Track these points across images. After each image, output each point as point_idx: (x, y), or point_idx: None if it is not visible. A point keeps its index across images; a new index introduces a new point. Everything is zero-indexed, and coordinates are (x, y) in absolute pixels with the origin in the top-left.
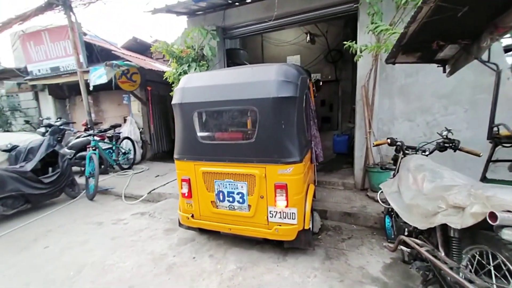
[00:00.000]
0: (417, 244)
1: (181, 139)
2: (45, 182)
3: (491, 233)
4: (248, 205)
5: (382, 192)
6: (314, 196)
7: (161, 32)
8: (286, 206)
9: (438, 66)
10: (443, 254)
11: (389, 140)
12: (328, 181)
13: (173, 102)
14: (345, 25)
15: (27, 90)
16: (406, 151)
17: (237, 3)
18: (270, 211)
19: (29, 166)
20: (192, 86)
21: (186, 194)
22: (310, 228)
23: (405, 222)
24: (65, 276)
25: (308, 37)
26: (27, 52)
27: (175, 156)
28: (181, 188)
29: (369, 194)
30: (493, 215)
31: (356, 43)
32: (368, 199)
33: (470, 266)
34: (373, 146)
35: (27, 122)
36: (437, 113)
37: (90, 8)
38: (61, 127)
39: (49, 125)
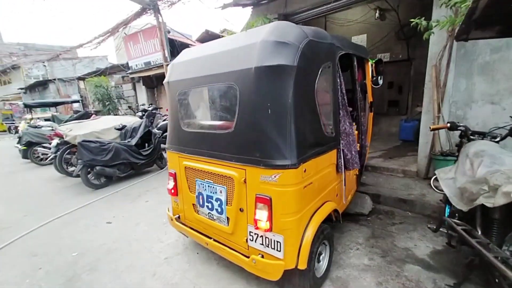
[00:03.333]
0: (457, 224)
1: (169, 126)
2: (143, 154)
3: None
4: (227, 217)
5: (436, 178)
6: (335, 219)
7: (229, 24)
8: (269, 230)
9: None
10: (479, 233)
11: (449, 124)
12: (387, 167)
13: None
14: None
15: (128, 82)
16: (472, 137)
17: None
18: (250, 232)
19: (133, 141)
20: (182, 60)
21: (172, 191)
22: (311, 270)
23: (456, 208)
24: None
25: (377, 13)
26: (128, 51)
27: (165, 145)
28: (168, 182)
29: (435, 183)
30: None
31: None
32: (429, 188)
33: None
34: (430, 131)
35: (129, 107)
36: None
37: (172, 9)
38: (153, 111)
39: (145, 110)
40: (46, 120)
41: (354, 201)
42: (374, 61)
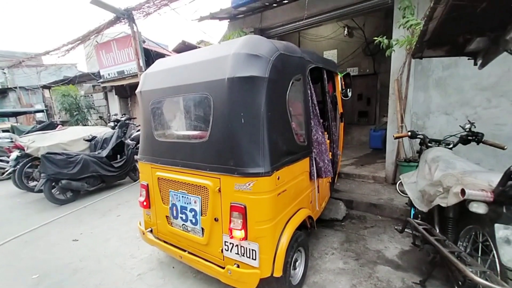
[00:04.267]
0: (418, 224)
1: (142, 136)
2: (115, 166)
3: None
4: (201, 228)
5: (401, 183)
6: (310, 226)
7: (206, 36)
8: (244, 239)
9: (468, 59)
10: (437, 231)
11: (409, 133)
12: (359, 174)
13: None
14: (385, 16)
15: (99, 91)
16: (430, 144)
17: (274, 5)
18: (225, 242)
19: (104, 153)
20: (155, 70)
21: (144, 203)
22: (287, 277)
23: (418, 210)
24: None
25: (345, 31)
26: (100, 59)
27: (137, 156)
28: (140, 194)
29: (400, 187)
30: (463, 191)
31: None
32: (396, 192)
33: (470, 245)
34: (394, 139)
35: (100, 117)
36: (479, 106)
37: (148, 19)
38: (126, 121)
39: (117, 120)
40: (4, 131)
41: (328, 208)
42: (342, 74)
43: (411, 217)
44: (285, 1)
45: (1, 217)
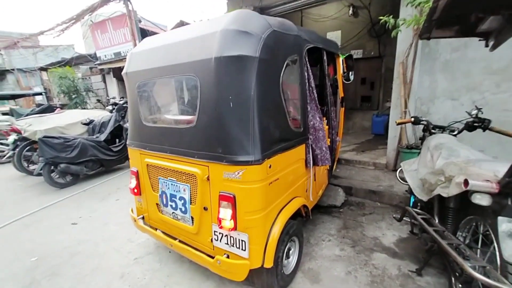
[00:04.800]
0: (417, 213)
1: (130, 121)
2: (114, 151)
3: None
4: (191, 216)
5: (401, 170)
6: (305, 215)
7: (204, 16)
8: (233, 229)
9: (479, 40)
10: (437, 221)
11: (412, 119)
12: (359, 160)
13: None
14: None
15: (97, 73)
16: (433, 131)
17: None
18: (214, 231)
19: (102, 137)
20: (141, 49)
21: (135, 190)
22: (279, 268)
23: (418, 198)
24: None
25: (350, 11)
26: (95, 40)
27: (127, 141)
28: (130, 181)
29: (400, 174)
30: (466, 182)
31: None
32: (397, 179)
33: (470, 236)
34: (396, 125)
35: (98, 101)
36: (487, 91)
37: None
38: (124, 105)
39: (115, 104)
40: (3, 114)
41: (327, 194)
42: (344, 56)
43: (411, 204)
44: None
45: (1, 200)
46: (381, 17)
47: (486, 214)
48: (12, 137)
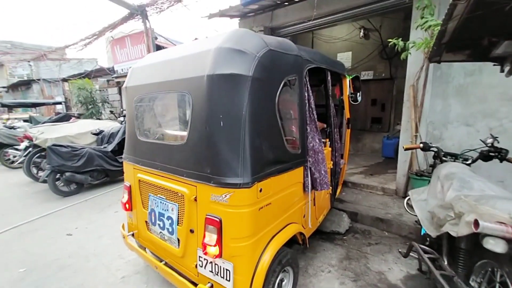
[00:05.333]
0: (424, 251)
1: (126, 134)
2: (120, 161)
3: None
4: (177, 238)
5: (409, 199)
6: (302, 243)
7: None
8: (218, 256)
9: (494, 65)
10: (445, 263)
11: (421, 145)
12: (367, 184)
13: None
14: (405, 18)
15: (113, 86)
16: (444, 158)
17: (285, 3)
18: (199, 256)
19: (109, 147)
20: (142, 65)
21: (127, 206)
22: None
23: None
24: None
25: (361, 33)
26: (114, 54)
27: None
28: (122, 196)
29: (409, 202)
30: (476, 223)
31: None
32: (408, 207)
33: (485, 283)
34: (404, 150)
35: (111, 112)
36: (505, 118)
37: (160, 15)
38: None
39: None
40: (24, 121)
41: (331, 219)
42: (351, 77)
43: (422, 234)
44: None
45: (6, 205)
46: (390, 40)
47: (502, 261)
48: (24, 144)
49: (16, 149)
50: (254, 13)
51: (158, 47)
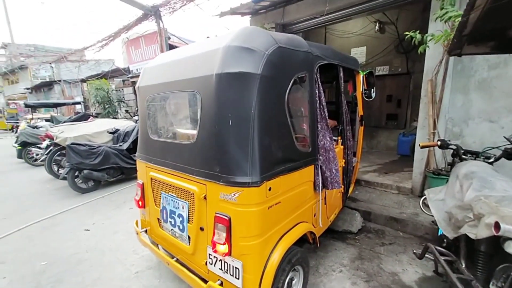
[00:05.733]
0: (440, 253)
1: (139, 134)
2: (134, 160)
3: None
4: (188, 235)
5: (426, 198)
6: (313, 242)
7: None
8: (227, 254)
9: None
10: (463, 266)
11: (439, 142)
12: (381, 183)
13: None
14: (423, 10)
15: (129, 85)
16: (464, 156)
17: None
18: (209, 254)
19: (125, 145)
20: (154, 65)
21: (140, 203)
22: None
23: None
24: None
25: (376, 26)
26: (129, 55)
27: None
28: (136, 193)
29: (425, 202)
30: (497, 226)
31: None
32: (424, 206)
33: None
34: (420, 148)
35: (126, 111)
36: None
37: (173, 15)
38: None
39: None
40: (46, 120)
41: (343, 218)
42: (365, 73)
43: (439, 234)
44: None
45: (29, 201)
46: (406, 32)
47: None
48: (46, 142)
49: (39, 148)
50: (265, 10)
51: (171, 47)
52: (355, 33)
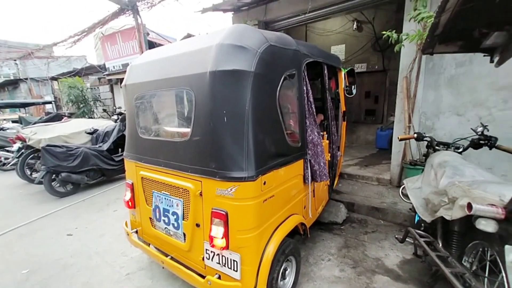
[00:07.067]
0: (420, 236)
1: (127, 132)
2: (115, 160)
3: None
4: (183, 233)
5: (404, 187)
6: (303, 233)
7: (211, 29)
8: (225, 248)
9: (484, 55)
10: (440, 245)
11: (415, 135)
12: (362, 175)
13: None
14: (397, 9)
15: (105, 83)
16: (437, 147)
17: None
18: (206, 249)
19: (105, 146)
20: (141, 62)
21: (130, 203)
22: None
23: (422, 218)
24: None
25: (354, 25)
26: (105, 51)
27: (124, 153)
28: (125, 194)
29: (403, 191)
30: (469, 206)
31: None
32: (402, 195)
33: (476, 262)
34: (399, 141)
35: (104, 110)
36: (494, 107)
37: (152, 11)
38: None
39: (120, 113)
40: (13, 122)
41: (328, 210)
42: (346, 70)
43: (415, 223)
44: None
45: (1, 208)
46: (384, 32)
47: (493, 240)
48: (17, 145)
49: (7, 151)
50: (248, 7)
51: (150, 43)
52: (335, 31)
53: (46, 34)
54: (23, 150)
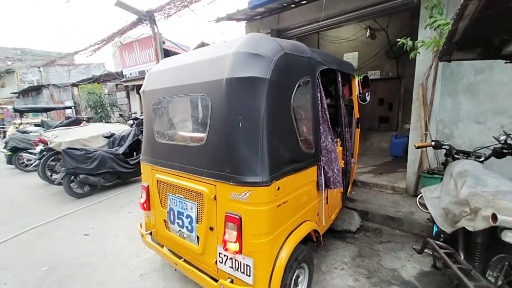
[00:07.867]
0: (440, 247)
1: (144, 136)
2: (131, 163)
3: None
4: (197, 236)
5: (421, 196)
6: (316, 240)
7: (224, 37)
8: (238, 252)
9: (506, 63)
10: (462, 257)
11: (433, 143)
12: (376, 183)
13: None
14: (411, 17)
15: (122, 89)
16: (456, 156)
17: (292, 6)
18: (219, 253)
19: (121, 150)
20: (159, 69)
21: (145, 205)
22: None
23: (441, 229)
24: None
25: (368, 32)
26: (123, 59)
27: (140, 156)
28: (140, 196)
29: (421, 200)
30: (494, 217)
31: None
32: (420, 204)
33: (502, 277)
34: (415, 149)
35: (120, 115)
36: None
37: (168, 20)
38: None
39: (136, 118)
40: (36, 125)
41: (341, 218)
42: (360, 77)
43: (433, 234)
44: (304, 2)
45: (23, 207)
46: (398, 39)
47: None
48: (39, 147)
49: (30, 153)
50: (261, 16)
51: (166, 51)
52: (347, 39)
53: (68, 43)
54: (44, 152)
